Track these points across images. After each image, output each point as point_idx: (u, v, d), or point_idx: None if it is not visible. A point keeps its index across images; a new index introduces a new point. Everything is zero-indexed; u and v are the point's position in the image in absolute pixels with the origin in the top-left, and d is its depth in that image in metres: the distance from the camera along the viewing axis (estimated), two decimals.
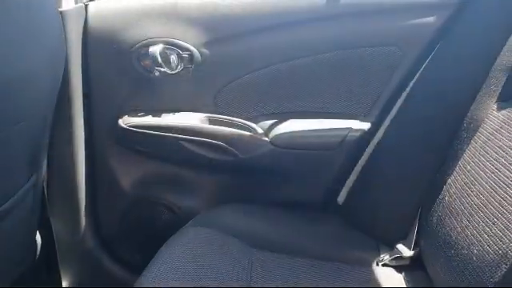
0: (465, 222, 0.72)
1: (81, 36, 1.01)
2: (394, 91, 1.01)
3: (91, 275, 1.18)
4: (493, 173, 0.70)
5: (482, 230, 0.67)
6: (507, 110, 0.76)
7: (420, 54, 0.98)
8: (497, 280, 0.61)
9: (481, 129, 0.79)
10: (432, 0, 0.97)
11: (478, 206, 0.70)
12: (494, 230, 0.65)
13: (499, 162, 0.70)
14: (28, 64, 0.76)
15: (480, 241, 0.67)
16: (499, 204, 0.66)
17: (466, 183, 0.76)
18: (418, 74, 0.98)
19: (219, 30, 1.01)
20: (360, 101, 1.02)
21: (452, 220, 0.76)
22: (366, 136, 1.02)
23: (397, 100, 1.00)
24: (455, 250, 0.72)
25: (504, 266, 0.61)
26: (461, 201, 0.75)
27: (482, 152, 0.75)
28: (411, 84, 0.98)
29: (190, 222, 0.95)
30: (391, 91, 1.01)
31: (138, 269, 0.82)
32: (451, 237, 0.74)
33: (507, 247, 0.62)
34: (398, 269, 0.89)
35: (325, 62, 1.00)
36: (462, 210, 0.74)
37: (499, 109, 0.78)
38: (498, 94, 0.80)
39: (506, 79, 0.79)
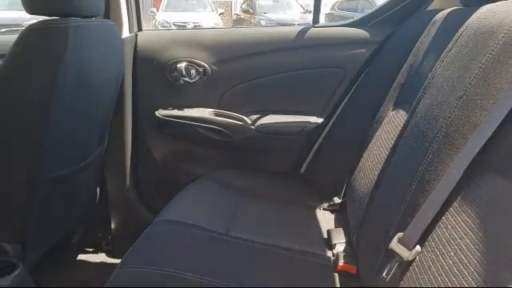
0: (369, 179, 1.16)
1: (132, 55, 1.53)
2: (339, 98, 1.50)
3: (132, 221, 1.67)
4: (380, 146, 1.17)
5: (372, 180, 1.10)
6: (395, 111, 1.23)
7: (356, 73, 1.47)
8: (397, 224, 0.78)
9: (382, 122, 1.27)
10: (364, 37, 1.46)
11: (374, 167, 1.16)
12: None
13: (386, 142, 1.15)
14: (110, 74, 1.28)
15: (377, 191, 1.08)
16: (379, 158, 1.10)
17: (373, 156, 1.22)
18: (354, 86, 1.47)
19: (224, 53, 1.52)
20: (316, 104, 1.52)
21: (362, 180, 1.23)
22: (319, 127, 1.51)
23: (340, 104, 1.49)
24: (362, 198, 1.17)
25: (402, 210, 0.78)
26: (368, 167, 1.22)
27: (379, 135, 1.23)
28: (350, 93, 1.47)
29: (197, 180, 1.43)
30: (337, 97, 1.50)
31: None
32: (360, 190, 1.20)
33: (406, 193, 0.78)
34: (332, 212, 1.36)
35: (293, 76, 1.50)
36: (368, 173, 1.20)
37: (393, 110, 1.25)
38: (394, 99, 1.27)
39: (399, 90, 1.26)
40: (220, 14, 11.86)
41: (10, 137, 1.03)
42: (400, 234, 0.73)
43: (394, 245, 0.73)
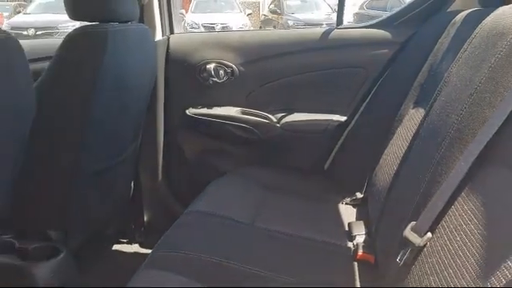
0: (388, 174, 1.21)
1: (164, 57, 1.62)
2: (362, 97, 1.55)
3: (163, 214, 1.76)
4: (400, 143, 1.21)
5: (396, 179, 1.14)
6: (415, 109, 1.28)
7: (378, 73, 1.51)
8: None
9: (403, 120, 1.31)
10: (386, 38, 1.50)
11: (394, 163, 1.20)
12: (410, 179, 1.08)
13: (405, 139, 1.20)
14: (144, 76, 1.37)
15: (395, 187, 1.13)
16: (398, 154, 1.15)
17: (393, 152, 1.27)
18: (376, 86, 1.51)
19: (251, 55, 1.60)
20: (339, 103, 1.57)
21: (382, 175, 1.28)
22: (343, 125, 1.56)
23: (363, 103, 1.54)
24: (381, 192, 1.22)
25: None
26: (388, 162, 1.27)
27: (399, 133, 1.28)
28: (372, 92, 1.52)
29: (225, 175, 1.50)
30: (360, 97, 1.55)
31: None
32: (380, 185, 1.26)
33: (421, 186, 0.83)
34: (354, 206, 1.42)
35: (317, 76, 1.56)
36: (388, 169, 1.24)
37: (413, 108, 1.30)
38: (415, 98, 1.32)
39: (419, 89, 1.31)
40: (248, 15, 11.97)
41: (57, 133, 1.13)
42: (413, 223, 0.78)
43: (408, 233, 0.78)
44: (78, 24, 1.17)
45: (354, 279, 1.01)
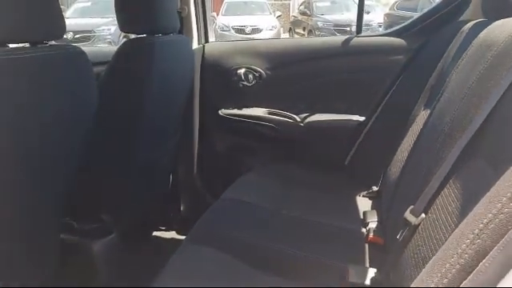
0: (399, 168, 1.35)
1: (200, 63, 1.81)
2: (379, 99, 1.69)
3: (198, 204, 1.94)
4: (411, 140, 1.35)
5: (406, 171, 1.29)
6: (424, 110, 1.41)
7: (394, 77, 1.65)
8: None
9: (415, 120, 1.45)
10: (401, 46, 1.64)
11: (404, 158, 1.34)
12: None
13: (414, 137, 1.33)
14: (184, 81, 1.56)
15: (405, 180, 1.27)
16: (408, 150, 1.29)
17: (404, 149, 1.40)
18: (392, 89, 1.65)
19: (277, 60, 1.77)
20: (358, 104, 1.72)
21: (395, 169, 1.42)
22: (361, 125, 1.71)
23: (380, 104, 1.68)
24: (392, 184, 1.36)
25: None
26: (400, 158, 1.41)
27: (411, 131, 1.41)
28: (388, 95, 1.66)
29: (253, 169, 1.67)
30: (377, 99, 1.69)
31: None
32: (392, 178, 1.39)
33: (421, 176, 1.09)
34: (370, 198, 1.56)
35: (338, 80, 1.71)
36: (400, 163, 1.37)
37: (423, 110, 1.43)
38: (425, 100, 1.45)
39: (429, 92, 1.44)
40: (278, 17, 12.11)
41: (113, 130, 1.32)
42: (411, 207, 0.93)
43: (407, 214, 0.93)
44: (112, 29, 1.38)
45: (364, 257, 1.16)
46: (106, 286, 1.39)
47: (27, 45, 0.94)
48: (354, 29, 10.45)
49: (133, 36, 1.41)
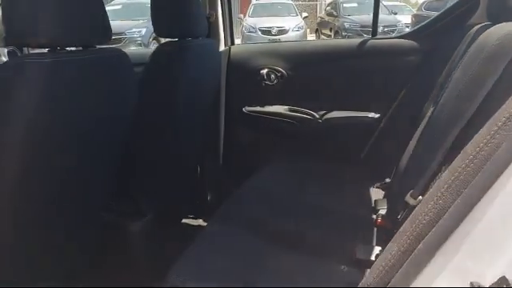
0: (407, 163, 1.47)
1: (226, 64, 1.96)
2: (392, 97, 1.80)
3: (223, 192, 2.08)
4: (418, 138, 1.47)
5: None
6: (432, 107, 1.52)
7: (406, 77, 1.77)
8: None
9: (424, 117, 1.56)
10: (414, 48, 1.75)
11: (411, 152, 1.46)
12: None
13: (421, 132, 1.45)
14: (212, 80, 1.72)
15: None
16: (417, 146, 1.42)
17: (413, 143, 1.51)
18: (405, 88, 1.77)
19: (297, 61, 1.91)
20: (373, 102, 1.84)
21: (405, 162, 1.53)
22: (376, 121, 1.83)
23: (394, 102, 1.80)
24: (401, 176, 1.48)
25: None
26: (409, 151, 1.52)
27: (420, 128, 1.52)
28: (401, 93, 1.78)
29: (274, 162, 1.81)
30: (391, 97, 1.81)
31: None
32: (402, 170, 1.50)
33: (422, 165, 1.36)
34: (383, 189, 1.67)
35: (355, 80, 1.84)
36: (409, 156, 1.49)
37: (432, 107, 1.54)
38: (434, 98, 1.56)
39: (438, 91, 1.55)
40: (304, 18, 12.20)
41: (151, 125, 1.48)
42: (411, 191, 1.06)
43: (408, 198, 1.06)
44: (143, 31, 1.54)
45: (372, 238, 1.29)
46: (138, 263, 1.55)
47: (80, 48, 1.11)
48: (380, 29, 10.63)
49: (163, 40, 1.58)
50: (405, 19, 11.87)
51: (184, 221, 2.09)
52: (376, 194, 1.64)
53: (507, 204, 0.56)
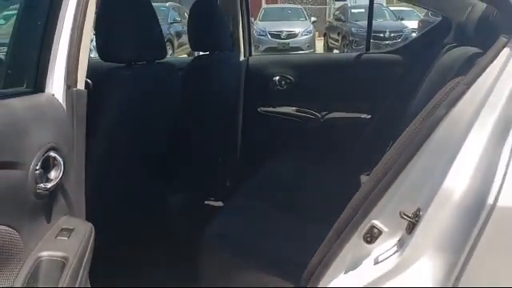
0: None
1: (245, 71, 2.36)
2: (381, 102, 2.19)
3: (240, 180, 2.48)
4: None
5: None
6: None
7: (393, 86, 2.15)
8: None
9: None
10: (403, 61, 2.14)
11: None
12: None
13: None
14: (234, 88, 2.12)
15: None
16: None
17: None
18: (391, 95, 2.15)
19: (304, 70, 2.30)
20: (366, 105, 2.23)
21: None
22: (368, 121, 2.22)
23: (382, 107, 2.18)
24: None
25: None
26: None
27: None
28: (389, 100, 2.16)
29: (280, 156, 2.20)
30: (380, 102, 2.19)
31: None
32: None
33: None
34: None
35: (352, 88, 2.23)
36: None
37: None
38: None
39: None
40: (313, 23, 12.55)
41: (189, 121, 1.88)
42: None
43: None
44: None
45: None
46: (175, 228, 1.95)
47: (144, 63, 1.51)
48: (387, 35, 10.99)
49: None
50: (412, 24, 12.18)
51: (206, 202, 2.49)
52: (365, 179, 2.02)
53: (424, 166, 0.96)
